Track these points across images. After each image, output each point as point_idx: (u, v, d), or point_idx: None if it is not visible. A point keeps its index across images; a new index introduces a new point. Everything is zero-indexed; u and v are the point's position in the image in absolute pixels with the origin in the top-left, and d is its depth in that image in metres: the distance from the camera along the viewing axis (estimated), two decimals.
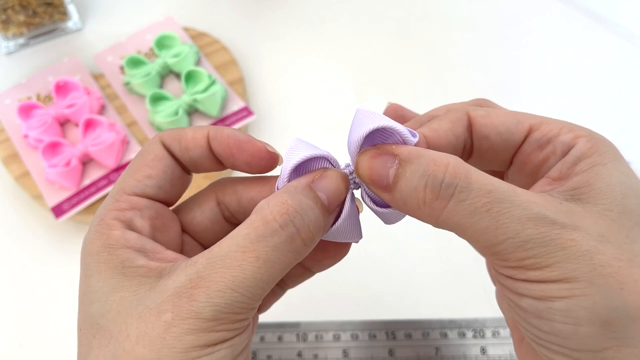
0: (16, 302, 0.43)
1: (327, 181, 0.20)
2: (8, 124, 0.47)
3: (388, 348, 0.39)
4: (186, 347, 0.18)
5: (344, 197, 0.21)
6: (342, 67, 0.56)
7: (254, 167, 0.22)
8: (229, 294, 0.18)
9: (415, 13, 0.60)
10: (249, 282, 0.18)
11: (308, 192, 0.20)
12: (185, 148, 0.22)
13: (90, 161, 0.46)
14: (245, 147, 0.22)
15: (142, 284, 0.19)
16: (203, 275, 0.18)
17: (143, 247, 0.21)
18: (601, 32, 0.58)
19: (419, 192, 0.19)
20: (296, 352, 0.39)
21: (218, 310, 0.18)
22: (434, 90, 0.54)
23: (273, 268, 0.19)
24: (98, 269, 0.20)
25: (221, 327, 0.18)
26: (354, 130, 0.21)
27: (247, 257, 0.18)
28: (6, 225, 0.46)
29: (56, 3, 0.54)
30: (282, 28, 0.58)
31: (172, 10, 0.57)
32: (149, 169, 0.22)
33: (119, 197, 0.22)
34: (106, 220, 0.21)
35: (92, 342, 0.19)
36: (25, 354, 0.40)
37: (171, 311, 0.18)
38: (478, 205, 0.18)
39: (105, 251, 0.20)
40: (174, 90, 0.50)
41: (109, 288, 0.20)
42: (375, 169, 0.20)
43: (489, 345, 0.39)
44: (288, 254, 0.19)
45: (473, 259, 0.45)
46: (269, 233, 0.19)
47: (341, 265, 0.43)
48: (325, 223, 0.20)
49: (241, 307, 0.19)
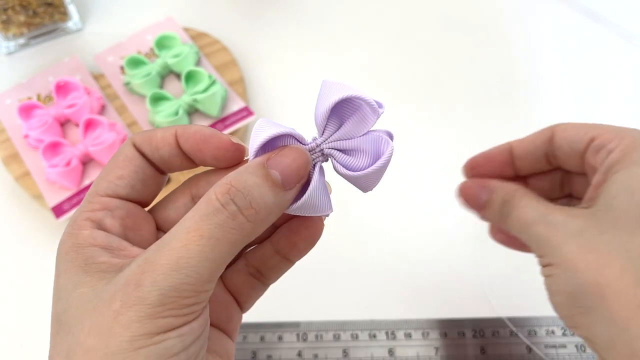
0: (16, 301, 0.43)
1: (282, 158, 0.20)
2: (8, 124, 0.47)
3: (388, 348, 0.39)
4: (133, 335, 0.18)
5: (304, 173, 0.21)
6: (342, 67, 0.56)
7: (221, 160, 0.22)
8: (173, 275, 0.18)
9: (415, 13, 0.60)
10: (194, 261, 0.18)
11: (258, 170, 0.20)
12: (155, 147, 0.22)
13: (91, 161, 0.46)
14: (210, 141, 0.22)
15: (101, 279, 0.19)
16: (150, 260, 0.18)
17: (109, 244, 0.21)
18: (601, 32, 0.59)
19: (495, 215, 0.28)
20: (296, 351, 0.39)
21: (163, 294, 0.18)
22: (434, 90, 0.54)
23: (218, 245, 0.19)
24: (65, 268, 0.20)
25: (168, 312, 0.18)
26: (320, 102, 0.21)
27: (191, 236, 0.18)
28: (6, 225, 0.46)
29: (56, 3, 0.54)
30: (282, 28, 0.58)
31: (172, 11, 0.57)
32: (120, 170, 0.22)
33: (91, 198, 0.22)
34: (78, 221, 0.21)
35: (56, 338, 0.20)
36: (25, 354, 0.40)
37: (120, 299, 0.18)
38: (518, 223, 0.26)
39: (72, 250, 0.20)
40: (174, 91, 0.50)
41: (72, 285, 0.20)
42: (475, 193, 0.29)
43: (489, 345, 0.39)
44: (232, 230, 0.19)
45: (473, 259, 0.45)
46: (211, 211, 0.19)
47: (341, 265, 0.44)
48: (277, 200, 0.20)
49: (188, 290, 0.18)
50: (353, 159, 0.22)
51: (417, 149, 0.50)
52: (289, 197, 0.21)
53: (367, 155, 0.22)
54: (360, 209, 0.46)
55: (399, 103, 0.53)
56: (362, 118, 0.21)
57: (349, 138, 0.22)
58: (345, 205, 0.26)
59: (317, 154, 0.22)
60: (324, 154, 0.22)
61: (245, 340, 0.39)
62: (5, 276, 0.44)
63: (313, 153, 0.22)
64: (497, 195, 0.27)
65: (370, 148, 0.22)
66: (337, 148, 0.22)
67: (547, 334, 0.40)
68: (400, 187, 0.47)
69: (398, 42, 0.58)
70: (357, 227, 0.45)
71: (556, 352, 0.39)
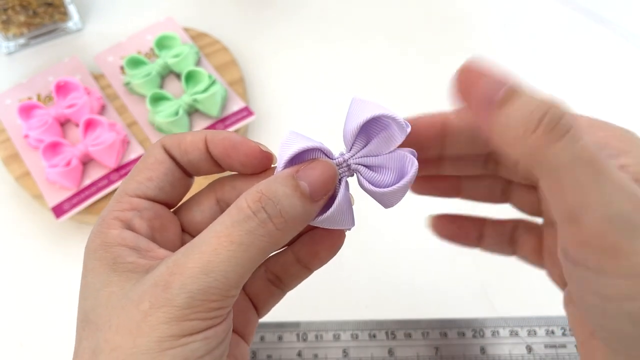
0: (16, 301, 0.43)
1: (311, 170, 0.21)
2: (8, 124, 0.47)
3: (388, 348, 0.39)
4: (160, 336, 0.18)
5: (332, 186, 0.22)
6: (342, 67, 0.56)
7: (249, 166, 0.23)
8: (202, 278, 0.18)
9: (415, 14, 0.60)
10: (223, 265, 0.19)
11: (288, 181, 0.20)
12: (185, 151, 0.23)
13: (91, 161, 0.46)
14: (239, 148, 0.22)
15: (129, 279, 0.20)
16: (179, 262, 0.19)
17: (137, 245, 0.21)
18: (601, 32, 0.59)
19: (533, 118, 0.17)
20: (296, 351, 0.39)
21: (191, 296, 0.18)
22: (434, 91, 0.54)
23: (247, 251, 0.19)
24: (93, 266, 0.21)
25: (195, 315, 0.18)
26: (350, 119, 0.22)
27: (222, 241, 0.19)
28: (7, 225, 0.46)
29: (56, 3, 0.54)
30: (282, 28, 0.58)
31: (172, 11, 0.57)
32: (149, 172, 0.23)
33: (120, 198, 0.22)
34: (107, 220, 0.22)
35: (82, 335, 0.20)
36: (25, 353, 0.40)
37: (149, 300, 0.18)
38: (588, 154, 0.17)
39: (101, 249, 0.21)
40: (174, 91, 0.50)
41: (100, 284, 0.20)
42: (489, 79, 0.18)
43: (489, 345, 0.39)
44: (261, 237, 0.19)
45: (473, 259, 0.45)
46: (242, 218, 0.19)
47: (341, 265, 0.44)
48: (304, 210, 0.20)
49: (215, 294, 0.19)
50: (378, 176, 0.22)
51: None
52: (316, 208, 0.21)
53: (392, 172, 0.22)
54: (361, 209, 0.46)
55: (398, 103, 0.53)
56: (389, 136, 0.22)
57: (376, 155, 0.22)
58: None
59: (343, 168, 0.23)
60: (351, 169, 0.23)
61: None
62: (5, 276, 0.44)
63: (340, 167, 0.23)
64: (537, 95, 0.18)
65: (396, 165, 0.22)
66: (364, 164, 0.23)
67: (547, 334, 0.40)
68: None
69: (398, 43, 0.58)
70: (357, 227, 0.45)
71: (556, 352, 0.39)
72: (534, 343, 0.39)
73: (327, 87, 0.54)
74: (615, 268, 0.17)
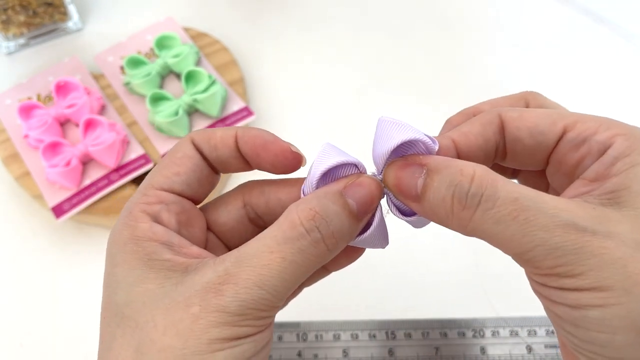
0: (16, 301, 0.43)
1: (359, 188, 0.21)
2: (8, 124, 0.47)
3: (388, 348, 0.39)
4: (211, 339, 0.18)
5: (376, 205, 0.21)
6: (342, 67, 0.56)
7: (278, 167, 0.23)
8: (256, 291, 0.19)
9: (415, 14, 0.60)
10: (275, 280, 0.19)
11: (337, 199, 0.20)
12: (214, 147, 0.23)
13: (91, 161, 0.46)
14: (270, 147, 0.22)
15: (167, 277, 0.20)
16: (231, 272, 0.19)
17: (169, 241, 0.21)
18: (601, 32, 0.59)
19: (446, 203, 0.19)
20: (296, 351, 0.39)
21: (244, 305, 0.19)
22: (434, 91, 0.54)
23: (298, 269, 0.20)
24: (124, 259, 0.21)
25: (246, 322, 0.19)
26: (379, 142, 0.21)
27: (274, 257, 0.19)
28: (7, 225, 0.46)
29: (56, 3, 0.54)
30: (282, 28, 0.58)
31: (172, 11, 0.57)
32: (177, 167, 0.23)
33: (147, 191, 0.22)
34: (134, 213, 0.21)
35: (116, 331, 0.20)
36: (26, 353, 0.40)
37: (199, 304, 0.19)
38: (504, 213, 0.18)
39: (131, 242, 0.21)
40: (174, 91, 0.50)
41: (133, 278, 0.20)
42: (404, 179, 0.20)
43: (489, 345, 0.39)
44: (312, 257, 0.20)
45: (473, 259, 0.45)
46: (295, 236, 0.19)
47: None
48: (351, 229, 0.21)
49: (266, 305, 0.19)
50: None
51: None
52: (361, 226, 0.21)
53: None
54: None
55: (398, 103, 0.53)
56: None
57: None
58: None
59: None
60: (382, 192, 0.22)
61: None
62: (5, 276, 0.44)
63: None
64: (445, 174, 0.19)
65: None
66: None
67: (547, 334, 0.40)
68: None
69: (398, 43, 0.58)
70: None
71: (556, 352, 0.39)
72: (534, 343, 0.39)
73: (327, 87, 0.54)
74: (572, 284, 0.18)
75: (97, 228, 0.46)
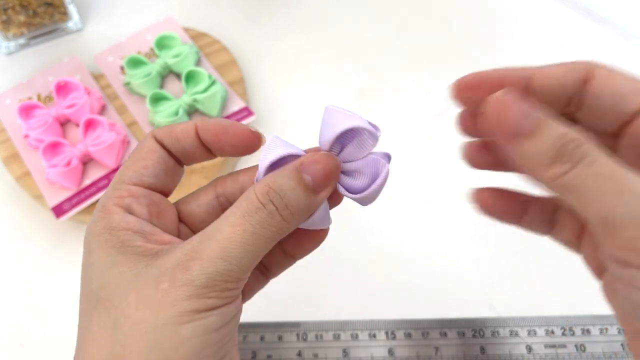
0: (17, 301, 0.43)
1: (314, 164, 0.22)
2: (8, 124, 0.47)
3: (388, 348, 0.39)
4: (181, 311, 0.20)
5: (334, 179, 0.23)
6: (342, 67, 0.56)
7: (240, 147, 0.24)
8: (220, 263, 0.20)
9: (416, 14, 0.60)
10: (237, 252, 0.20)
11: (293, 175, 0.22)
12: (176, 139, 0.24)
13: (91, 161, 0.46)
14: (230, 130, 0.24)
15: (138, 261, 0.21)
16: (197, 249, 0.20)
17: (142, 229, 0.22)
18: (601, 32, 0.59)
19: (555, 149, 0.19)
20: (296, 351, 0.39)
21: (210, 278, 0.20)
22: (434, 92, 0.54)
23: (259, 240, 0.21)
24: (98, 247, 0.22)
25: (212, 294, 0.20)
26: (325, 129, 0.23)
27: (236, 230, 0.21)
28: (7, 225, 0.46)
29: (56, 3, 0.54)
30: (282, 28, 0.58)
31: (172, 11, 0.57)
32: (144, 161, 0.24)
33: (118, 186, 0.23)
34: (107, 207, 0.23)
35: (92, 313, 0.21)
36: (26, 353, 0.40)
37: (168, 281, 0.20)
38: (604, 171, 0.18)
39: (106, 232, 0.22)
40: (174, 91, 0.50)
41: (107, 264, 0.21)
42: (517, 111, 0.20)
43: (489, 345, 0.39)
44: (270, 228, 0.21)
45: (473, 259, 0.45)
46: (252, 210, 0.21)
47: (341, 265, 0.44)
48: (308, 202, 0.22)
49: (231, 277, 0.20)
50: (354, 180, 0.24)
51: (417, 150, 0.50)
52: (319, 200, 0.22)
53: (366, 176, 0.23)
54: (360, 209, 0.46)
55: (398, 103, 0.53)
56: (361, 142, 0.23)
57: (350, 161, 0.24)
58: (345, 206, 0.26)
59: None
60: None
61: (245, 340, 0.39)
62: (5, 276, 0.44)
63: None
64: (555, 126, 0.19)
65: (370, 170, 0.23)
66: (341, 170, 0.24)
67: (547, 334, 0.40)
68: (399, 188, 0.47)
69: (398, 44, 0.58)
70: (357, 227, 0.45)
71: (556, 352, 0.39)
72: (534, 343, 0.40)
73: (327, 87, 0.54)
74: None
75: None
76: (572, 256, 0.25)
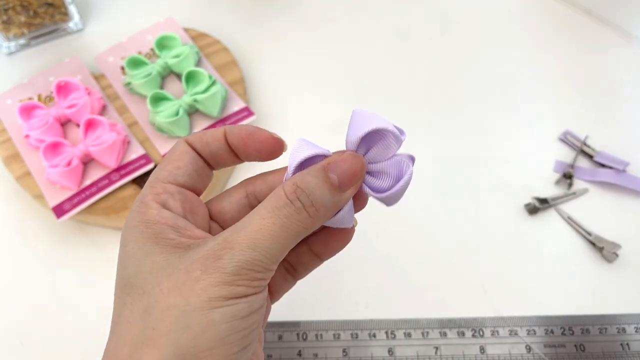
0: (17, 301, 0.43)
1: (341, 163, 0.23)
2: (9, 124, 0.48)
3: (388, 347, 0.39)
4: (210, 297, 0.21)
5: (360, 178, 0.24)
6: (342, 67, 0.56)
7: (264, 153, 0.25)
8: (250, 252, 0.21)
9: (415, 15, 0.60)
10: (267, 242, 0.22)
11: (319, 174, 0.23)
12: (206, 143, 0.26)
13: (91, 161, 0.46)
14: (255, 136, 0.25)
15: (172, 252, 0.22)
16: (228, 239, 0.22)
17: (176, 224, 0.24)
18: (601, 32, 0.59)
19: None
20: (296, 351, 0.39)
21: (240, 266, 0.21)
22: (433, 92, 0.54)
23: (287, 233, 0.22)
24: (134, 238, 0.23)
25: (242, 282, 0.21)
26: (352, 130, 0.24)
27: (265, 222, 0.22)
28: (7, 225, 0.46)
29: (57, 4, 0.54)
30: (282, 29, 0.58)
31: (172, 11, 0.57)
32: (177, 162, 0.25)
33: (154, 184, 0.25)
34: (145, 202, 0.24)
35: (126, 299, 0.22)
36: (26, 353, 0.40)
37: (200, 269, 0.21)
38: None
39: (142, 225, 0.23)
40: (175, 91, 0.50)
41: (142, 254, 0.23)
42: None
43: (488, 345, 0.39)
44: (298, 222, 0.22)
45: (473, 259, 0.45)
46: (281, 205, 0.22)
47: (341, 265, 0.44)
48: (334, 200, 0.23)
49: (260, 266, 0.22)
50: (378, 181, 0.25)
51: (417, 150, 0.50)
52: (345, 198, 0.24)
53: (390, 177, 0.24)
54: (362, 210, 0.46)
55: (398, 103, 0.53)
56: (387, 145, 0.24)
57: (376, 162, 0.24)
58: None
59: None
60: None
61: None
62: (5, 276, 0.44)
63: None
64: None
65: (394, 171, 0.24)
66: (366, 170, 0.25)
67: (546, 334, 0.40)
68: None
69: (397, 44, 0.58)
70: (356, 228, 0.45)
71: (556, 352, 0.39)
72: (534, 343, 0.40)
73: (328, 87, 0.54)
74: None
75: (98, 228, 0.46)
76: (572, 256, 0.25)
